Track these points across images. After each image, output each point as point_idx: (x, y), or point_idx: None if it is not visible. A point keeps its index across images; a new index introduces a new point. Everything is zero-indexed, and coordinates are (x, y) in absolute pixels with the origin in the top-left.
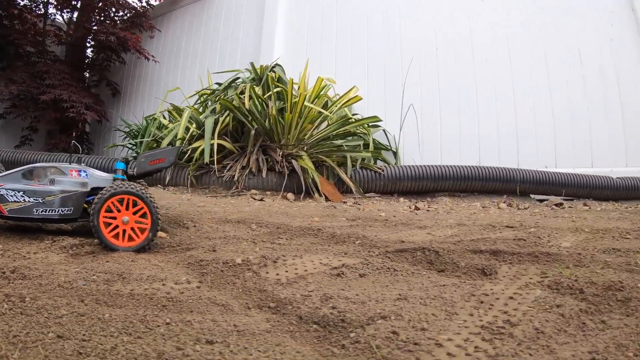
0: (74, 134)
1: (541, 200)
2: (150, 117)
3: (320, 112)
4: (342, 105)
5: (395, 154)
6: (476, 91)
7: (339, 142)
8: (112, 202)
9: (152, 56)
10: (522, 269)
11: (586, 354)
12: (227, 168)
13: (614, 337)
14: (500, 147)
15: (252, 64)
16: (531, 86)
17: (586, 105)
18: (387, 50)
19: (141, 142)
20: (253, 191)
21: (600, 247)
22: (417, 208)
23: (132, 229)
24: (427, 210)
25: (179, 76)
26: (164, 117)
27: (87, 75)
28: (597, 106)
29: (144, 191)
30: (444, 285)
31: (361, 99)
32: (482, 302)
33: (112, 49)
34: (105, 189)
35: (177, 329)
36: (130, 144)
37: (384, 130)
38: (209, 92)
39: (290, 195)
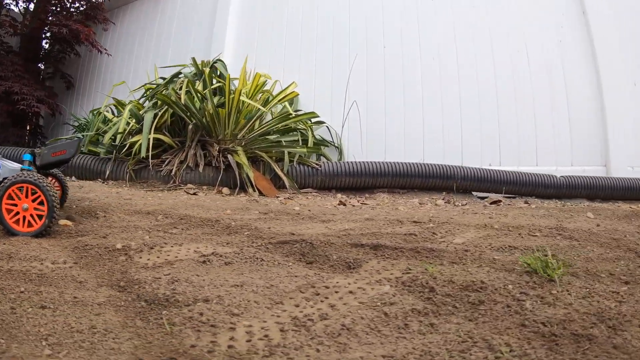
0: (27, 127)
1: (482, 198)
2: (96, 111)
3: (257, 107)
4: (280, 101)
5: (339, 150)
6: (422, 89)
7: (278, 137)
8: (13, 190)
9: (105, 49)
10: (390, 264)
11: (379, 357)
12: (166, 162)
13: (430, 342)
14: (445, 144)
15: (193, 59)
16: (478, 85)
17: (533, 105)
18: (336, 48)
19: (86, 136)
20: (189, 185)
21: (497, 244)
22: (342, 203)
23: (32, 215)
24: (353, 206)
25: (132, 70)
26: (110, 112)
27: (42, 67)
28: (544, 106)
29: (41, 180)
30: (297, 276)
31: (297, 94)
32: (317, 295)
33: (67, 41)
34: (7, 178)
35: (25, 296)
36: (77, 137)
37: (327, 127)
38: (153, 86)
39: (225, 190)
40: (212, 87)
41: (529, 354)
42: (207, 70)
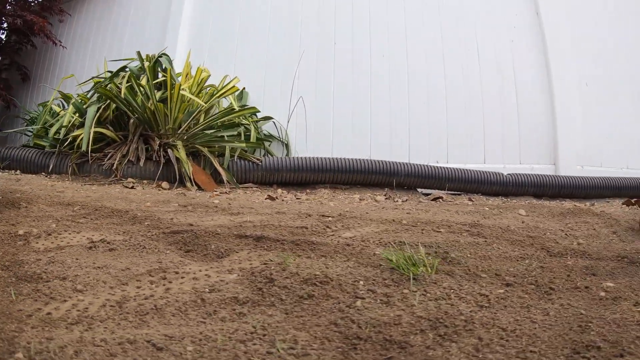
0: None
1: (427, 194)
2: (45, 104)
3: (198, 102)
4: (220, 95)
5: (286, 145)
6: (370, 86)
7: (220, 132)
8: None
9: (60, 41)
10: (258, 255)
11: (162, 336)
12: (108, 156)
13: (221, 329)
14: (392, 141)
15: (138, 52)
16: (427, 83)
17: (482, 104)
18: (287, 44)
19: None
20: (130, 179)
21: (389, 239)
22: (270, 198)
23: None
24: (283, 201)
25: (87, 63)
26: (60, 105)
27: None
28: (494, 105)
29: None
30: (160, 262)
31: (238, 89)
32: (164, 279)
33: (23, 33)
34: None
35: None
36: (28, 130)
37: (274, 122)
38: (102, 79)
39: (165, 184)
40: (156, 81)
41: (310, 354)
42: (148, 64)
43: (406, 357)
